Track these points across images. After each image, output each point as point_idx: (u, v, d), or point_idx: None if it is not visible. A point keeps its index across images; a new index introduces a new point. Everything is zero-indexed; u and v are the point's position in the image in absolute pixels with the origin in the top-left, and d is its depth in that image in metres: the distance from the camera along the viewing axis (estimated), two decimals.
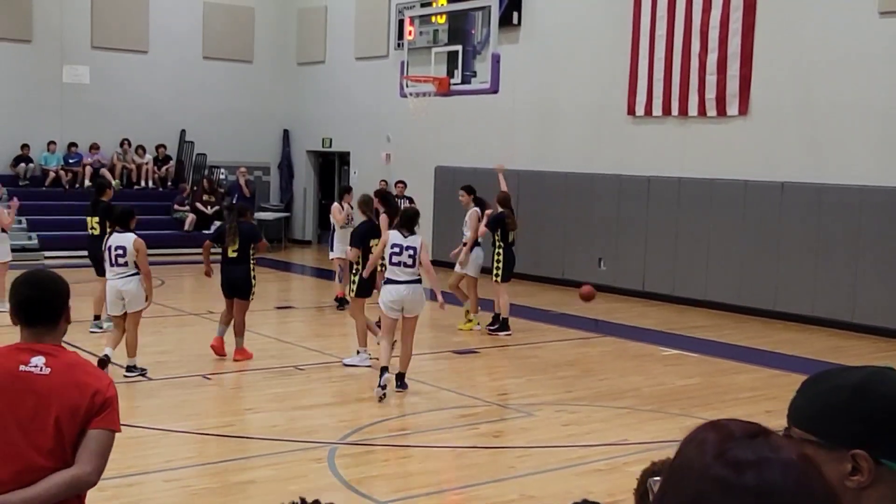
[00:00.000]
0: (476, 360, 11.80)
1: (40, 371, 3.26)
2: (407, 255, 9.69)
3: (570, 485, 7.24)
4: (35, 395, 3.24)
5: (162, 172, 23.49)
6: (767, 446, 1.28)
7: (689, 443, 1.34)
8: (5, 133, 21.62)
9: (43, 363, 3.27)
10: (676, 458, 1.34)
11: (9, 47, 21.77)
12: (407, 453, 8.07)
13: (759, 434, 1.30)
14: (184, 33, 23.70)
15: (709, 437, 1.31)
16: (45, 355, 3.30)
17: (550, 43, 18.40)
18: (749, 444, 1.28)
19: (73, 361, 3.37)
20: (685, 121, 16.34)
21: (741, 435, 1.30)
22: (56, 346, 3.37)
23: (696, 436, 1.34)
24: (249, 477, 7.21)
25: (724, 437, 1.30)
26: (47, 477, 3.22)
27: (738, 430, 1.31)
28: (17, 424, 3.22)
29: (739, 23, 15.37)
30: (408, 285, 9.69)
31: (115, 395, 3.35)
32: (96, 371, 3.43)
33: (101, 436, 3.26)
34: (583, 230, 17.61)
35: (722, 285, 15.55)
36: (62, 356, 3.35)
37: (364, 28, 22.92)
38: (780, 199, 14.87)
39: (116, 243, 10.15)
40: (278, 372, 10.77)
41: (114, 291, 10.18)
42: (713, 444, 1.29)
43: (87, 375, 3.34)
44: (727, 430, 1.32)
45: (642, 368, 11.47)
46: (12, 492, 3.19)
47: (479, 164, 19.57)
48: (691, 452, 1.31)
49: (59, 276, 3.49)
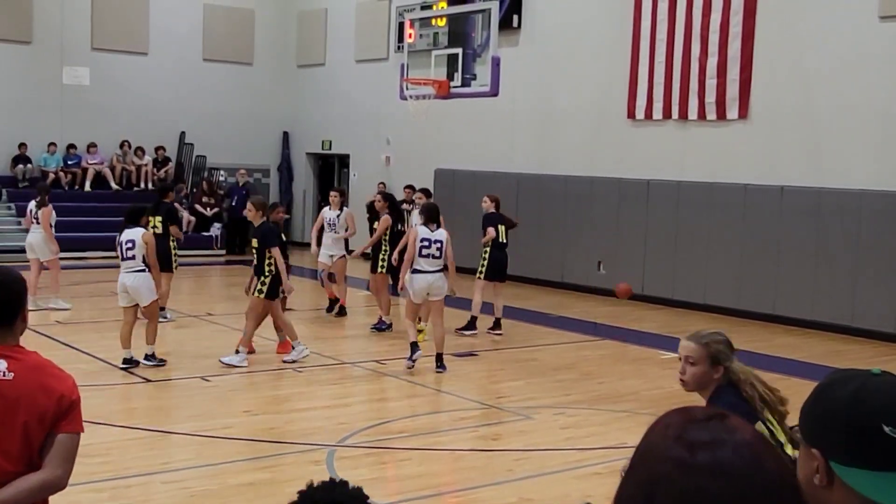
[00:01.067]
0: (475, 362, 11.80)
1: (3, 377, 3.22)
2: (435, 248, 10.72)
3: (569, 488, 7.24)
4: (0, 401, 3.22)
5: (161, 174, 23.48)
6: (723, 428, 1.33)
7: (654, 427, 1.39)
8: (5, 134, 21.61)
9: (6, 367, 3.23)
10: (642, 442, 1.39)
11: (9, 48, 21.77)
12: (405, 456, 8.06)
13: (717, 417, 1.35)
14: (184, 35, 23.71)
15: (671, 421, 1.37)
16: (7, 359, 3.26)
17: (550, 46, 18.41)
18: (706, 426, 1.33)
19: (36, 363, 3.33)
20: (685, 124, 16.34)
21: (702, 418, 1.35)
22: (16, 348, 3.32)
23: (662, 420, 1.39)
24: (248, 479, 7.20)
25: (684, 421, 1.35)
26: (16, 480, 3.20)
27: (699, 413, 1.37)
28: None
29: (739, 27, 15.38)
30: (434, 274, 10.71)
31: (79, 397, 3.34)
32: (59, 373, 3.38)
33: (68, 439, 3.26)
34: (582, 233, 17.60)
35: (721, 289, 15.55)
36: (24, 358, 3.30)
37: (364, 30, 22.93)
38: (779, 202, 14.87)
39: (127, 237, 10.67)
40: (277, 374, 10.76)
41: (120, 284, 10.70)
42: (675, 426, 1.35)
43: (51, 378, 3.31)
44: (689, 414, 1.37)
45: (641, 372, 11.46)
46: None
47: (479, 167, 19.59)
48: (655, 436, 1.37)
49: (15, 276, 3.40)
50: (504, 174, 18.98)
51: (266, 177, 25.32)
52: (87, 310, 14.39)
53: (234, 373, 10.71)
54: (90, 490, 6.73)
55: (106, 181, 22.69)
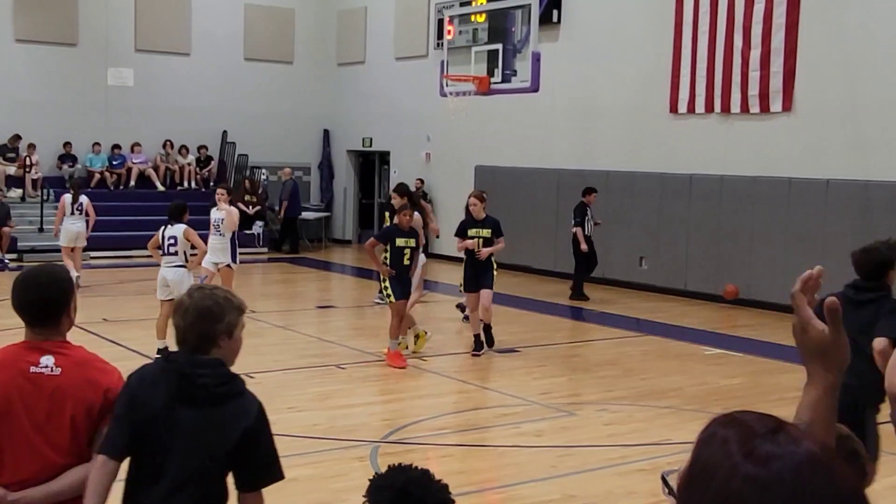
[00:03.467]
0: (517, 359, 11.78)
1: (51, 372, 3.29)
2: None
3: (612, 484, 7.21)
4: (49, 396, 3.27)
5: (204, 173, 23.70)
6: (790, 440, 1.31)
7: (708, 441, 1.35)
8: (51, 135, 21.92)
9: (53, 363, 3.30)
10: (698, 458, 1.35)
11: (55, 51, 22.09)
12: (448, 452, 8.07)
13: (780, 429, 1.33)
14: (225, 36, 23.90)
15: (729, 434, 1.33)
16: (54, 354, 3.32)
17: (591, 40, 18.32)
18: (772, 439, 1.31)
19: (82, 358, 3.40)
20: (728, 118, 16.18)
21: (763, 431, 1.32)
22: (63, 343, 3.39)
23: (715, 433, 1.35)
24: (291, 475, 7.20)
25: (746, 434, 1.32)
26: (68, 471, 3.28)
27: (757, 425, 1.34)
28: (33, 426, 3.27)
29: (783, 18, 15.19)
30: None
31: None
32: (105, 366, 3.45)
33: None
34: (624, 229, 17.50)
35: (766, 284, 15.38)
36: (70, 353, 3.37)
37: (404, 28, 22.97)
38: (824, 196, 14.68)
39: (170, 234, 10.96)
40: (320, 371, 10.82)
41: (161, 278, 11.03)
42: (736, 442, 1.31)
43: (96, 372, 3.38)
44: (746, 425, 1.34)
45: (685, 368, 11.38)
46: (35, 486, 3.25)
47: (520, 164, 19.55)
48: (715, 452, 1.33)
49: (61, 274, 3.47)
50: (544, 170, 18.93)
51: (307, 175, 25.46)
52: (133, 307, 14.55)
53: (277, 369, 10.79)
54: None
55: (149, 180, 22.94)
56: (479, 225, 11.62)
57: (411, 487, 2.42)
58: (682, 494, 1.36)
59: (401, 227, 10.89)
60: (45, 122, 21.87)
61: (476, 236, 11.56)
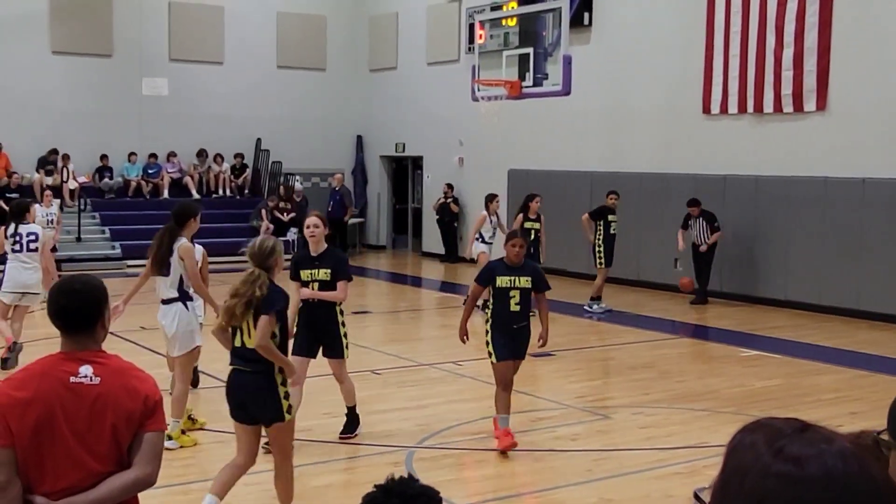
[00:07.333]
0: (552, 362, 11.76)
1: (90, 381, 3.34)
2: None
3: (650, 488, 7.18)
4: (89, 405, 3.32)
5: (239, 181, 23.88)
6: (821, 438, 1.31)
7: (737, 449, 1.36)
8: (88, 145, 22.20)
9: (91, 373, 3.35)
10: (728, 465, 1.35)
11: (91, 62, 22.37)
12: (484, 457, 8.08)
13: (808, 428, 1.33)
14: (258, 44, 24.09)
15: (757, 438, 1.34)
16: (92, 364, 3.37)
17: (622, 42, 18.27)
18: (802, 438, 1.31)
19: (119, 367, 3.45)
20: (761, 118, 16.07)
21: (791, 431, 1.33)
22: (99, 352, 3.43)
23: (743, 440, 1.36)
24: (328, 481, 7.30)
25: (773, 436, 1.33)
26: (110, 479, 3.33)
27: (784, 426, 1.34)
28: (74, 435, 3.31)
29: (816, 16, 15.07)
30: None
31: (161, 396, 3.48)
32: (142, 374, 3.50)
33: (155, 437, 3.40)
34: (657, 231, 17.42)
35: (802, 285, 15.25)
36: (108, 362, 3.42)
37: (435, 33, 23.03)
38: (861, 195, 14.53)
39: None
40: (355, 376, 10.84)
41: None
42: (765, 443, 1.32)
43: (134, 380, 3.43)
44: (773, 427, 1.34)
45: (721, 370, 11.31)
46: (78, 494, 3.30)
47: (553, 167, 19.52)
48: (745, 456, 1.33)
49: (95, 283, 3.51)
50: (577, 173, 18.89)
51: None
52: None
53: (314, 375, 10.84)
54: (178, 493, 6.89)
55: (185, 189, 23.14)
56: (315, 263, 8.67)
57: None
58: (718, 498, 1.36)
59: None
60: (82, 132, 22.16)
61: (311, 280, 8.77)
